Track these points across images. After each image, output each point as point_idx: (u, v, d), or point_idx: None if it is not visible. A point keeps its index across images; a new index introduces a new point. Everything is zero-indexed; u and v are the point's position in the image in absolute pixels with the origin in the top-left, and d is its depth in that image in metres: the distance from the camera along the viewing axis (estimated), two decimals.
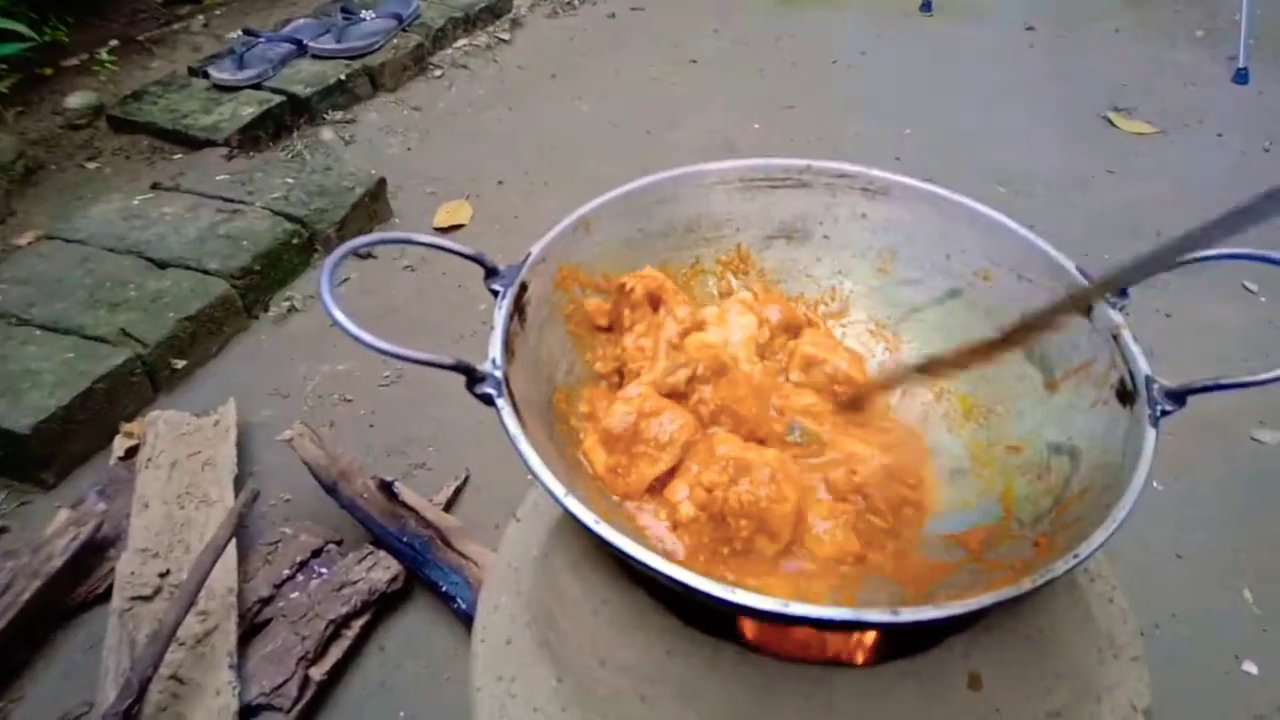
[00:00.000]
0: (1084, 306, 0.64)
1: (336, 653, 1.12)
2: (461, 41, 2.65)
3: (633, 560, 0.50)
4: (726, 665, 0.58)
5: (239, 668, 1.06)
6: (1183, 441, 1.39)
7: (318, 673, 1.10)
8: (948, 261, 0.75)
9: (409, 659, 1.16)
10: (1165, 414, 0.57)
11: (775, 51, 2.66)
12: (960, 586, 0.58)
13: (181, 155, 2.05)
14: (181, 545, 1.19)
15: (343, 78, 2.28)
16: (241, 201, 1.82)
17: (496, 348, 0.60)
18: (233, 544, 1.16)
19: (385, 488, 1.24)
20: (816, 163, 0.77)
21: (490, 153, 2.19)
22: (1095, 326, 0.64)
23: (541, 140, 2.24)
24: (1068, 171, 2.12)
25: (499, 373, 0.58)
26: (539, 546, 0.71)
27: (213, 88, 2.21)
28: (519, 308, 0.64)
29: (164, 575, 1.15)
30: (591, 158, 2.15)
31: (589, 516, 0.51)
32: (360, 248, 0.61)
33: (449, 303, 1.72)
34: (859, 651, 0.63)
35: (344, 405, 1.51)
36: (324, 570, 1.19)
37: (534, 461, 0.53)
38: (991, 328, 0.71)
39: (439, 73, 2.52)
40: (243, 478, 1.33)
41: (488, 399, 0.56)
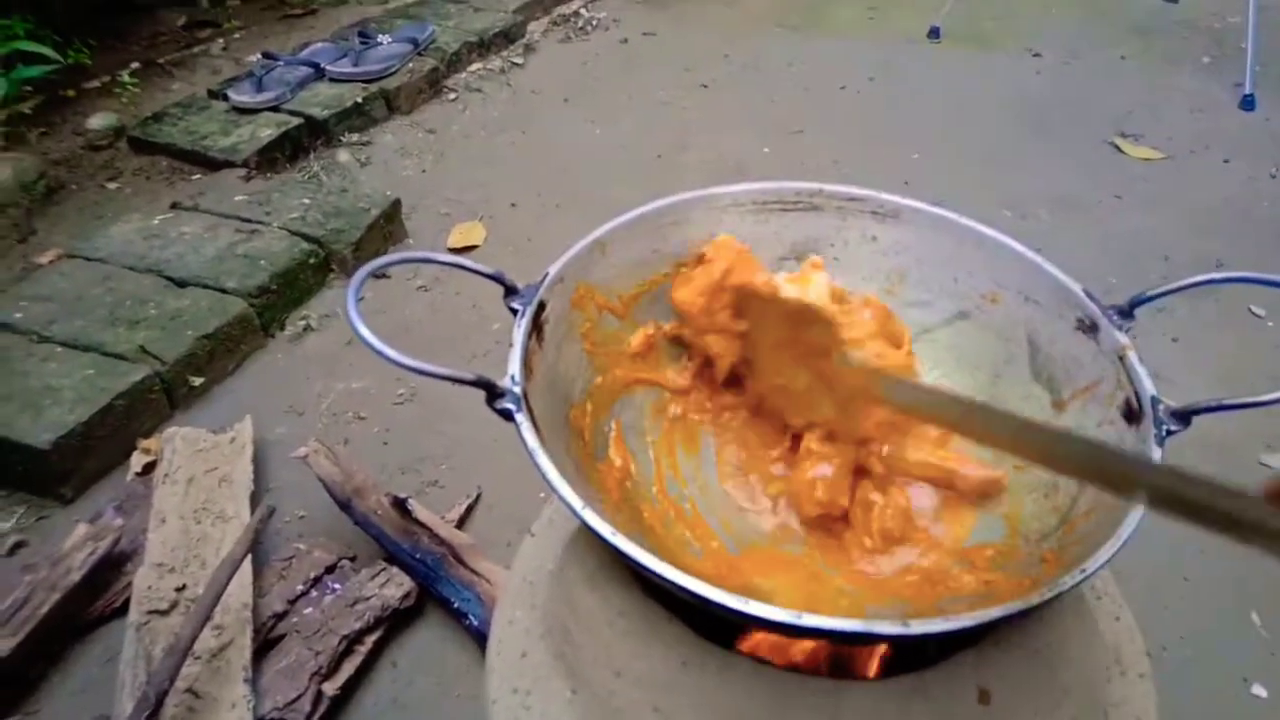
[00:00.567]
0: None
1: (349, 668, 1.13)
2: (476, 65, 2.69)
3: (649, 572, 0.51)
4: (739, 677, 0.59)
5: (253, 682, 1.07)
6: (1190, 464, 1.39)
7: (331, 688, 1.11)
8: (955, 284, 0.76)
9: (421, 675, 1.17)
10: (1170, 434, 0.58)
11: (786, 77, 2.69)
12: (969, 601, 0.59)
13: (200, 176, 2.08)
14: (198, 560, 1.21)
15: (359, 100, 2.32)
16: (259, 222, 1.85)
17: (516, 364, 0.61)
18: (248, 559, 1.17)
19: (399, 505, 1.26)
20: (828, 186, 0.79)
21: (503, 175, 2.21)
22: (1101, 348, 0.66)
23: (554, 163, 2.27)
24: (1074, 197, 2.13)
25: (518, 389, 0.59)
26: (554, 560, 0.72)
27: (232, 110, 2.25)
28: (537, 326, 0.66)
29: (180, 590, 1.16)
30: (603, 180, 2.17)
31: (606, 529, 0.52)
32: (384, 267, 0.63)
33: (463, 322, 1.74)
34: (869, 664, 0.64)
35: (358, 423, 1.53)
36: (338, 586, 1.21)
37: (552, 475, 0.55)
38: (1004, 350, 0.73)
39: (453, 96, 2.55)
40: (258, 494, 1.35)
41: (507, 414, 0.58)
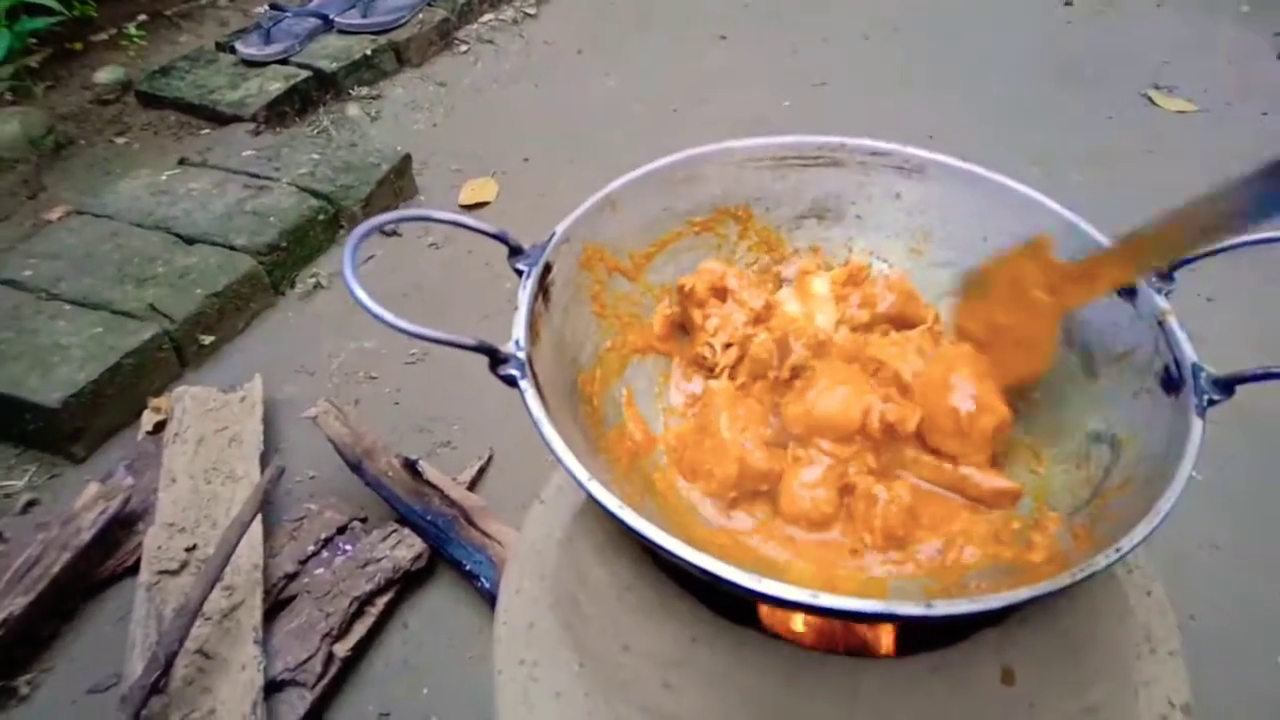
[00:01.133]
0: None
1: (360, 630, 1.13)
2: (488, 16, 2.62)
3: (658, 547, 0.48)
4: (752, 654, 0.57)
5: (264, 643, 1.07)
6: (1221, 429, 1.35)
7: (342, 649, 1.10)
8: (984, 243, 0.72)
9: (432, 636, 1.16)
10: (1213, 403, 0.55)
11: (807, 27, 2.61)
12: (996, 578, 0.56)
13: (209, 130, 2.05)
14: (208, 520, 1.20)
15: (369, 53, 2.27)
16: (268, 178, 1.82)
17: (520, 329, 0.58)
18: (258, 520, 1.16)
19: (410, 466, 1.24)
20: (850, 140, 0.75)
21: (516, 129, 2.17)
22: (1139, 313, 0.62)
23: (568, 117, 2.22)
24: (1106, 151, 2.06)
25: (522, 354, 0.56)
26: (562, 529, 0.70)
27: (239, 63, 2.20)
28: (543, 288, 0.63)
29: (191, 550, 1.16)
30: (618, 135, 2.12)
31: (613, 502, 0.50)
32: (382, 225, 0.60)
33: (474, 281, 1.71)
34: (887, 642, 0.61)
35: (369, 383, 1.51)
36: (348, 547, 1.20)
37: (557, 445, 0.52)
38: None
39: (465, 48, 2.50)
40: (268, 454, 1.34)
41: (511, 381, 0.55)
